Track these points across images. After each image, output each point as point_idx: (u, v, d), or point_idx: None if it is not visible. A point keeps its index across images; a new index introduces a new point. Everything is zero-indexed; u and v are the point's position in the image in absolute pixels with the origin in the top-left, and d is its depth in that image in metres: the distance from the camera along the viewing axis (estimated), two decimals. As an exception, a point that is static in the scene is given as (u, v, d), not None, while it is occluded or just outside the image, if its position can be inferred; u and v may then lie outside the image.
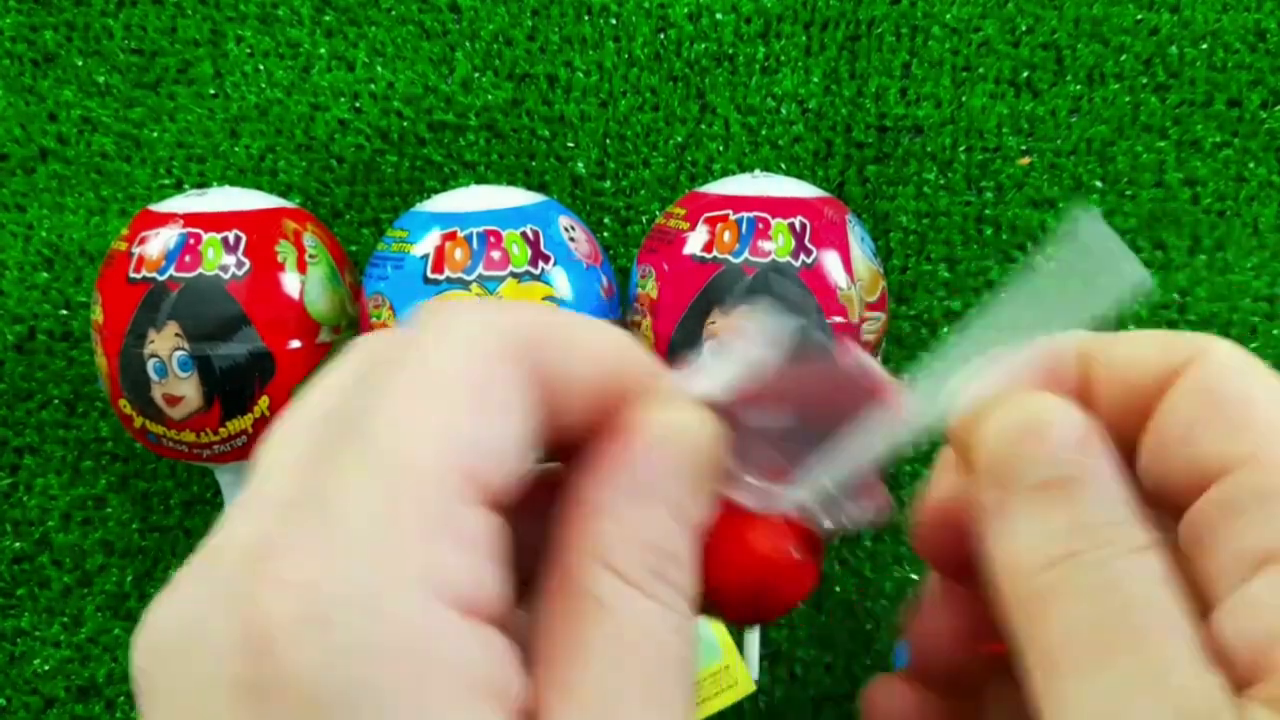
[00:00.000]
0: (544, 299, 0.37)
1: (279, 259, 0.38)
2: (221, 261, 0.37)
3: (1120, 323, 0.44)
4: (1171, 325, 0.44)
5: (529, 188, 0.42)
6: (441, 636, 0.13)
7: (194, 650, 0.13)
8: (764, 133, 0.45)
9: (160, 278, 0.37)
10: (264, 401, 0.38)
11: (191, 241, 0.37)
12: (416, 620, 0.13)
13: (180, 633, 0.14)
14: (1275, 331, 0.44)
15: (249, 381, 0.37)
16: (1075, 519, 0.16)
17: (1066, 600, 0.15)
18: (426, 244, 0.37)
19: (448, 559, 0.13)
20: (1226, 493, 0.16)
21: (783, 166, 0.45)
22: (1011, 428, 0.17)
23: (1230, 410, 0.16)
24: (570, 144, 0.46)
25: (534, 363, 0.15)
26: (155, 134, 0.47)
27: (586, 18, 0.46)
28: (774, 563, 0.18)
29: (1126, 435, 0.17)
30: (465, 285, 0.36)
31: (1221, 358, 0.17)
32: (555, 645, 0.15)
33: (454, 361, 0.15)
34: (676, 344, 0.38)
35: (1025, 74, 0.45)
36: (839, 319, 0.37)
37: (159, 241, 0.37)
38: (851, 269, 0.37)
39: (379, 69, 0.46)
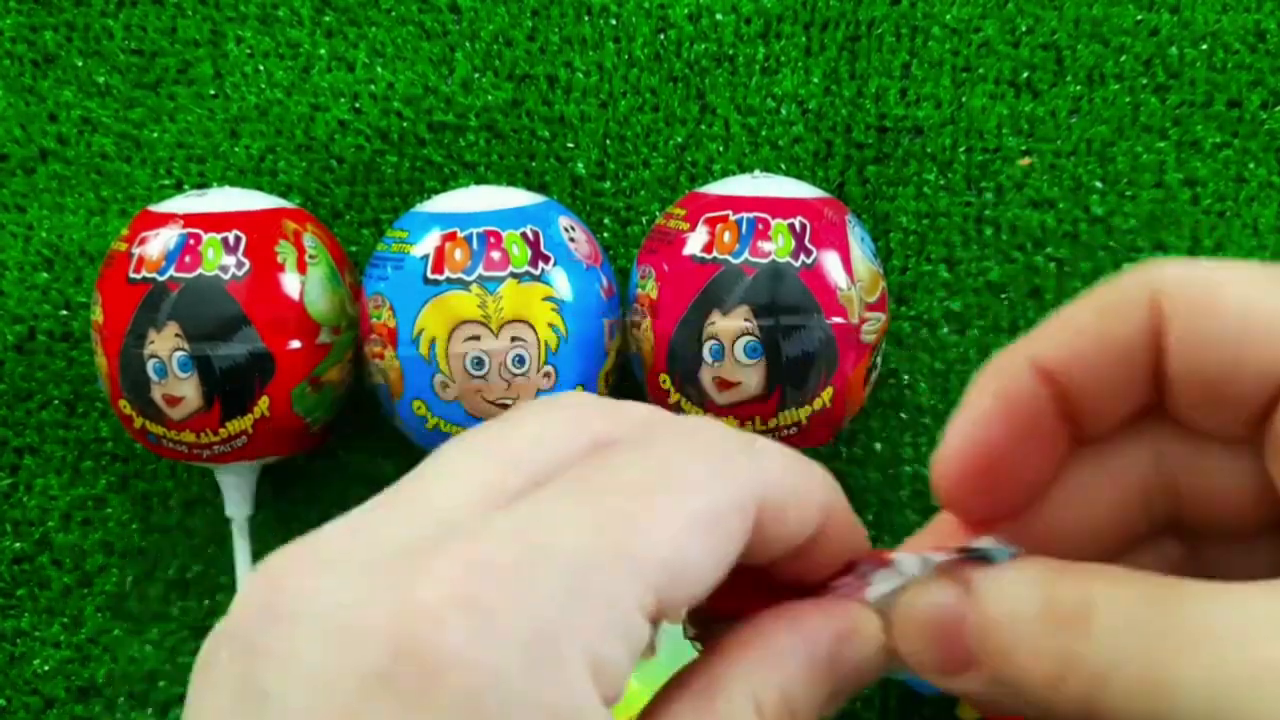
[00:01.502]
0: (544, 299, 0.37)
1: (279, 259, 0.38)
2: (221, 262, 0.37)
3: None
4: (1171, 325, 0.44)
5: (529, 188, 0.42)
6: (590, 707, 0.13)
7: (330, 619, 0.13)
8: (764, 133, 0.45)
9: (160, 278, 0.37)
10: (264, 402, 0.38)
11: (191, 242, 0.37)
12: (574, 685, 0.13)
13: (312, 597, 0.13)
14: (1275, 332, 0.44)
15: (249, 382, 0.37)
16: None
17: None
18: (426, 244, 0.37)
19: (616, 658, 0.14)
20: None
21: (783, 167, 0.45)
22: (917, 637, 0.17)
23: None
24: (570, 144, 0.46)
25: (757, 515, 0.16)
26: (155, 134, 0.47)
27: (586, 18, 0.46)
28: None
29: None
30: (465, 286, 0.36)
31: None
32: (660, 715, 0.15)
33: (699, 481, 0.15)
34: (676, 344, 0.38)
35: (1025, 74, 0.45)
36: (839, 319, 0.37)
37: (159, 242, 0.37)
38: (851, 269, 0.37)
39: (379, 69, 0.46)
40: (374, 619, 0.13)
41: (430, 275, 0.37)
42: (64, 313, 0.46)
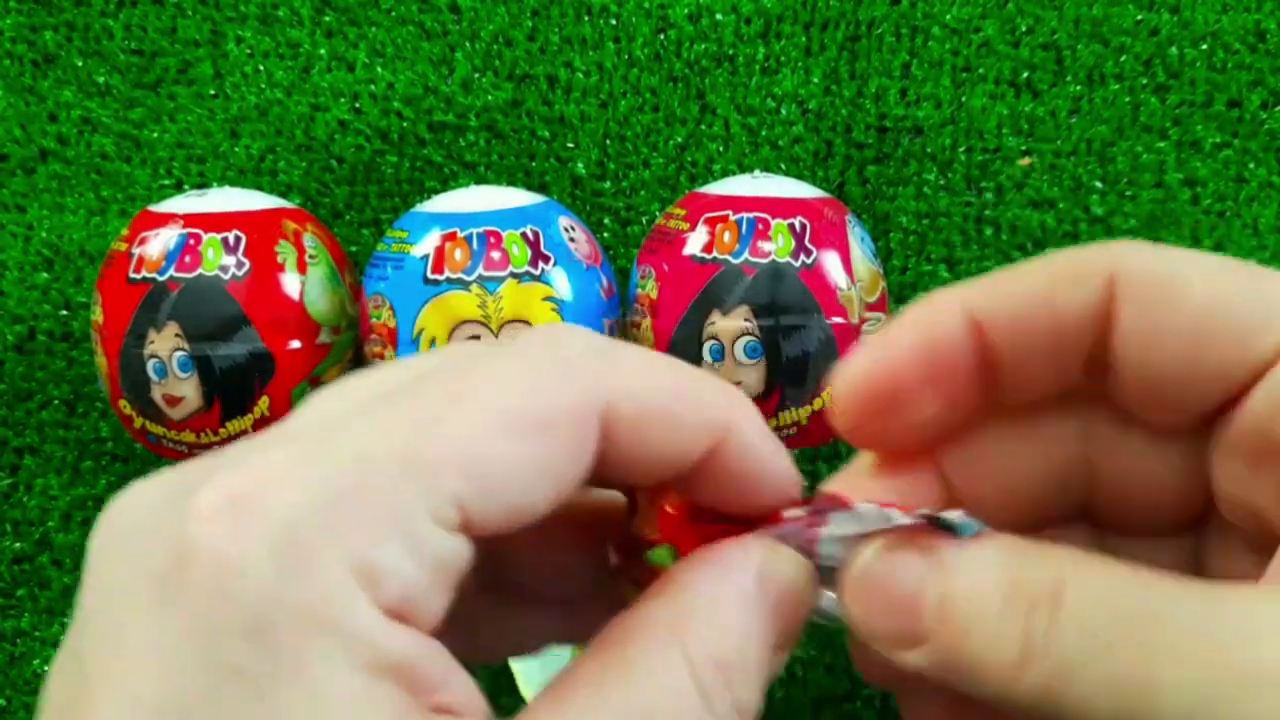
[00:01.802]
0: (544, 299, 0.37)
1: (279, 259, 0.38)
2: (221, 262, 0.37)
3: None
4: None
5: (529, 188, 0.42)
6: (348, 609, 0.13)
7: (136, 530, 0.14)
8: (764, 133, 0.45)
9: (160, 278, 0.37)
10: (264, 402, 0.38)
11: (191, 242, 0.37)
12: (330, 587, 0.13)
13: (129, 522, 0.14)
14: (1275, 332, 0.44)
15: (249, 382, 0.37)
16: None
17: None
18: (426, 244, 0.37)
19: (394, 563, 0.13)
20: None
21: (783, 167, 0.45)
22: (874, 611, 0.16)
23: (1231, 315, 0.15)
24: (570, 144, 0.46)
25: (603, 412, 0.15)
26: (155, 134, 0.47)
27: (586, 18, 0.46)
28: None
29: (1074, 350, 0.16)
30: (465, 286, 0.36)
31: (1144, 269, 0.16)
32: (580, 676, 0.15)
33: (515, 384, 0.14)
34: (676, 344, 0.38)
35: (1025, 74, 0.45)
36: (839, 319, 0.37)
37: (159, 242, 0.37)
38: (851, 269, 0.37)
39: (379, 69, 0.46)
40: (166, 525, 0.13)
41: (430, 275, 0.37)
42: (64, 313, 0.46)
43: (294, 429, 0.14)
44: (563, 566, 0.19)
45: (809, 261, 0.37)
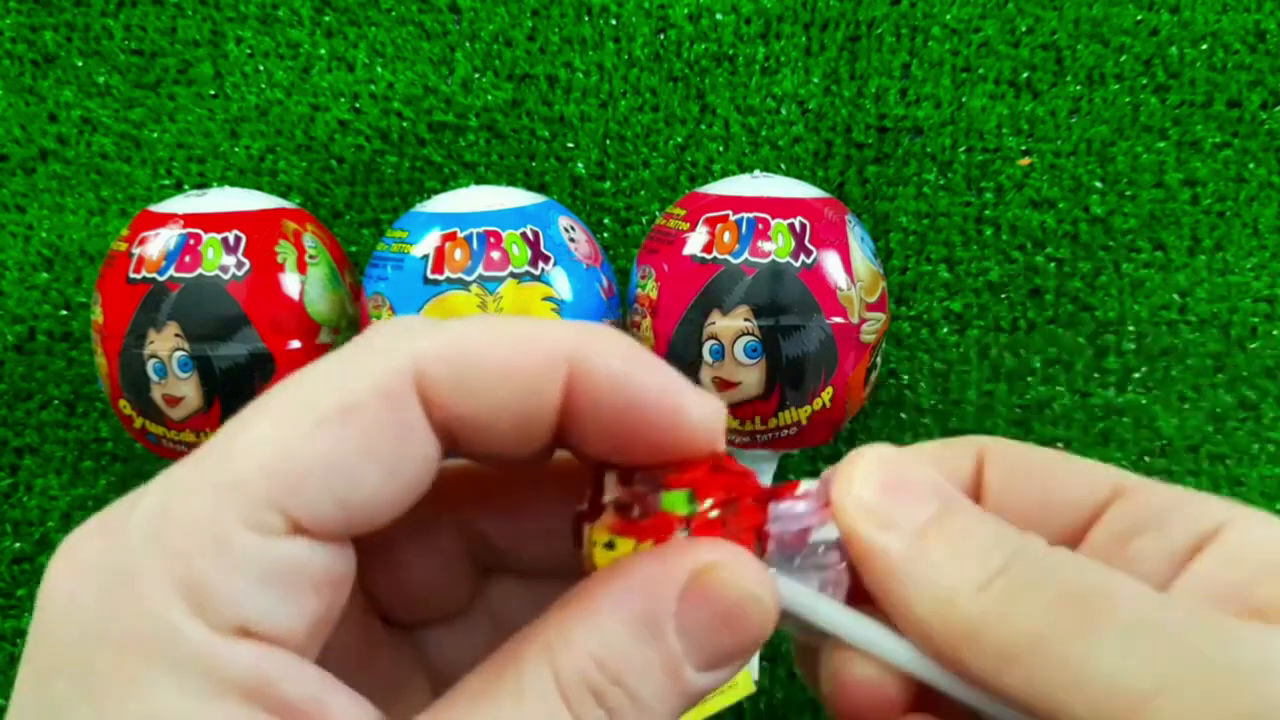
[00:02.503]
0: (544, 299, 0.37)
1: (279, 259, 0.38)
2: (221, 262, 0.37)
3: (1123, 320, 0.44)
4: (1171, 325, 0.44)
5: (529, 188, 0.42)
6: (176, 631, 0.13)
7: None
8: (764, 133, 0.45)
9: (160, 278, 0.37)
10: (264, 402, 0.38)
11: (191, 242, 0.37)
12: (155, 609, 0.13)
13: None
14: (1275, 332, 0.44)
15: (249, 382, 0.37)
16: (980, 542, 0.16)
17: (1020, 605, 0.15)
18: (426, 244, 0.37)
19: (219, 578, 0.13)
20: (1121, 520, 0.17)
21: (783, 167, 0.45)
22: (877, 485, 0.17)
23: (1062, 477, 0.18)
24: (570, 144, 0.46)
25: (415, 381, 0.14)
26: (155, 134, 0.47)
27: (586, 18, 0.46)
28: None
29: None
30: (465, 286, 0.36)
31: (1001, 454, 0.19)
32: (455, 698, 0.14)
33: (311, 380, 0.14)
34: (676, 344, 0.38)
35: (1025, 74, 0.45)
36: (839, 319, 0.37)
37: (159, 242, 0.37)
38: (851, 269, 0.37)
39: (379, 69, 0.46)
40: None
41: (430, 275, 0.37)
42: (64, 313, 0.46)
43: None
44: (546, 535, 0.18)
45: (809, 261, 0.37)
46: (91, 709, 0.12)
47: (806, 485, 0.17)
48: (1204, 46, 0.44)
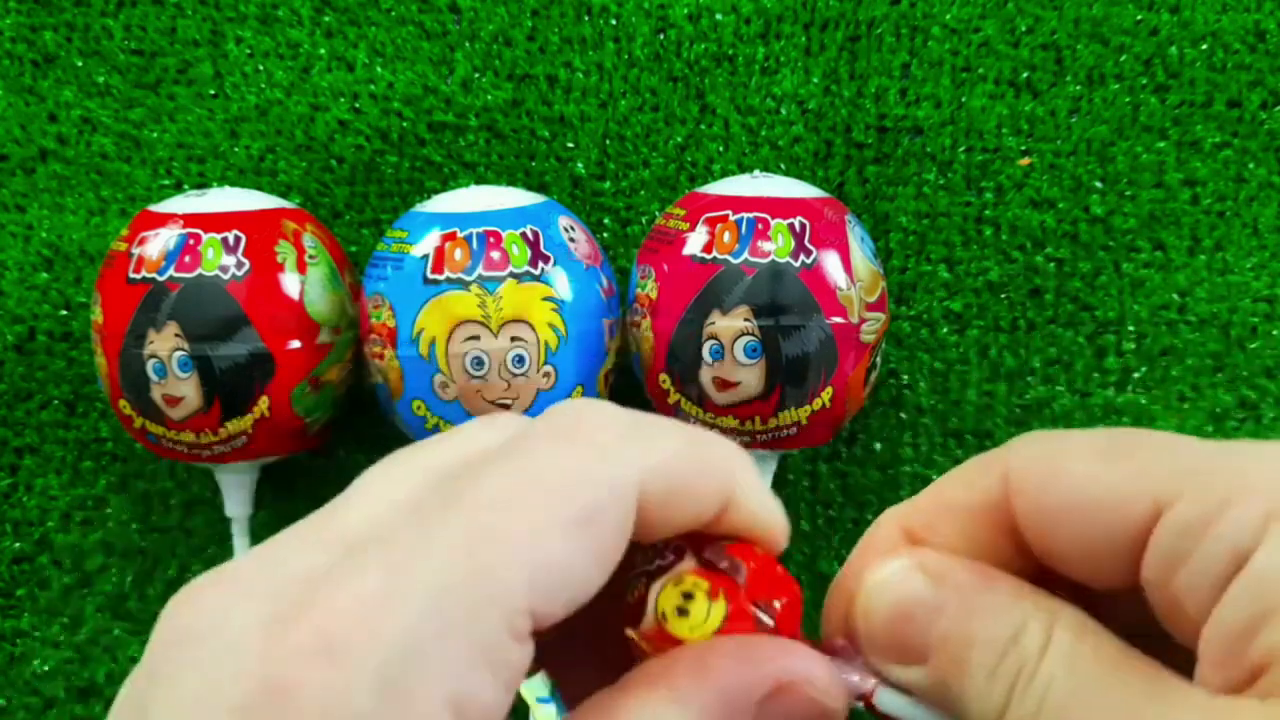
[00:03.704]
0: (544, 299, 0.37)
1: (279, 259, 0.38)
2: (221, 262, 0.37)
3: (1123, 320, 0.44)
4: (1171, 325, 0.44)
5: (529, 188, 0.42)
6: None
7: (218, 648, 0.13)
8: (764, 133, 0.45)
9: (160, 278, 0.37)
10: (264, 402, 0.38)
11: (191, 242, 0.37)
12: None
13: (206, 631, 0.14)
14: (1275, 332, 0.44)
15: (249, 382, 0.37)
16: (995, 651, 0.15)
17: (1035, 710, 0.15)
18: (426, 244, 0.37)
19: (480, 689, 0.13)
20: (1162, 549, 0.15)
21: (782, 167, 0.45)
22: (880, 616, 0.17)
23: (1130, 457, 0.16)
24: (570, 144, 0.46)
25: (641, 501, 0.15)
26: (155, 134, 0.47)
27: (586, 18, 0.46)
28: None
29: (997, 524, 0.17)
30: (465, 286, 0.36)
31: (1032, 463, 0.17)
32: None
33: (562, 482, 0.14)
34: (676, 344, 0.38)
35: (1025, 74, 0.45)
36: (839, 319, 0.37)
37: (159, 242, 0.37)
38: (851, 269, 0.37)
39: (379, 69, 0.46)
40: (249, 655, 0.13)
41: (430, 275, 0.37)
42: (64, 313, 0.46)
43: (360, 539, 0.14)
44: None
45: (809, 261, 0.37)
46: None
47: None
48: (1204, 46, 0.44)
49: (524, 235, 0.37)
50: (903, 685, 0.17)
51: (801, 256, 0.37)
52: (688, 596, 0.16)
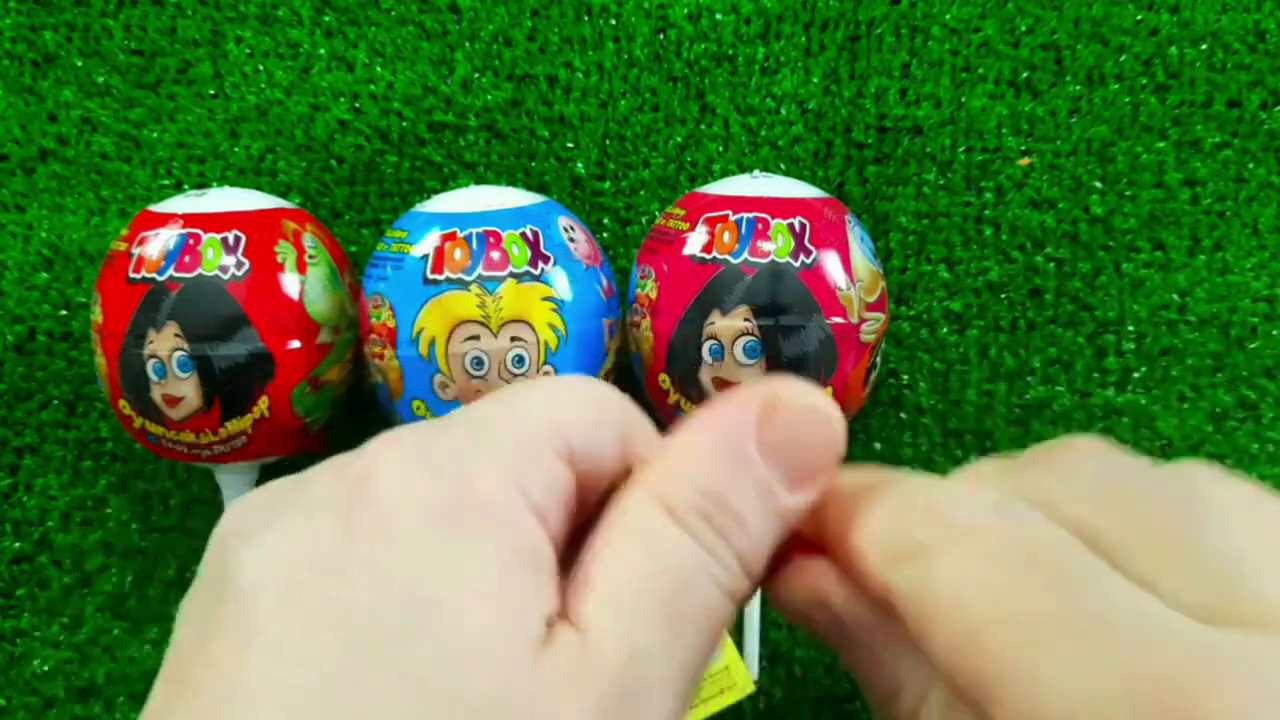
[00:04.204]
0: (543, 299, 0.37)
1: (279, 259, 0.38)
2: (221, 262, 0.37)
3: (1123, 320, 0.44)
4: (1171, 325, 0.44)
5: (529, 188, 0.42)
6: (510, 507, 0.16)
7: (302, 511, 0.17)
8: (764, 133, 0.45)
9: (160, 278, 0.37)
10: (264, 402, 0.38)
11: (191, 242, 0.37)
12: (494, 486, 0.16)
13: (261, 520, 0.18)
14: (1275, 332, 0.44)
15: (249, 382, 0.37)
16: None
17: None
18: (426, 244, 0.37)
19: (532, 470, 0.16)
20: None
21: (782, 167, 0.45)
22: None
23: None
24: (570, 144, 0.46)
25: (569, 448, 0.18)
26: (155, 134, 0.47)
27: (586, 18, 0.46)
28: None
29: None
30: (465, 286, 0.36)
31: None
32: (591, 559, 0.16)
33: (583, 388, 0.19)
34: (676, 344, 0.38)
35: (1025, 74, 0.45)
36: (839, 319, 0.37)
37: (158, 242, 0.37)
38: (851, 269, 0.37)
39: (379, 69, 0.46)
40: (336, 493, 0.17)
41: (430, 275, 0.37)
42: (64, 313, 0.46)
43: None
44: None
45: (809, 261, 0.37)
46: (440, 547, 0.15)
47: None
48: (1204, 46, 0.44)
49: (524, 235, 0.37)
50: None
51: (801, 256, 0.37)
52: None
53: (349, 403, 0.42)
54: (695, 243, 0.38)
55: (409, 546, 0.15)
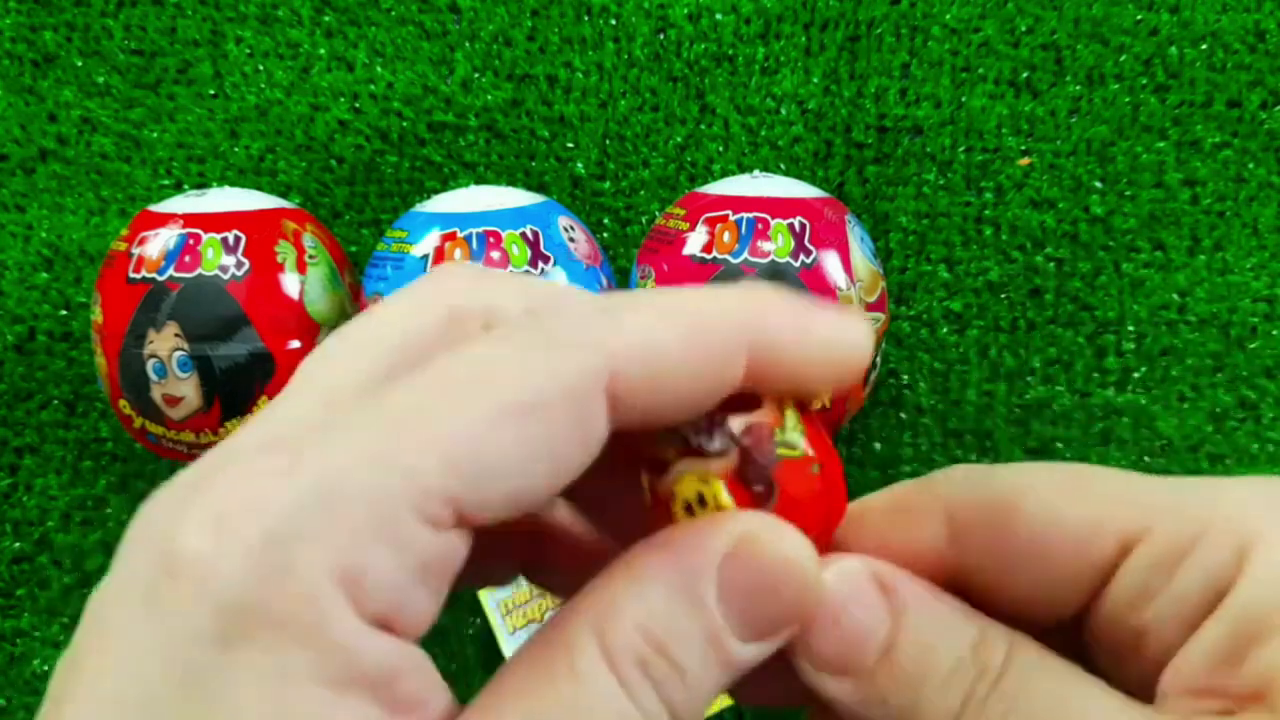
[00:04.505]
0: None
1: (279, 259, 0.38)
2: (221, 262, 0.37)
3: (1123, 320, 0.44)
4: (1171, 325, 0.44)
5: (529, 188, 0.42)
6: (328, 616, 0.12)
7: (134, 548, 0.14)
8: (764, 133, 0.45)
9: (160, 278, 0.37)
10: (264, 402, 0.38)
11: (191, 242, 0.37)
12: (313, 594, 0.12)
13: (137, 532, 0.14)
14: (1275, 332, 0.44)
15: (249, 382, 0.37)
16: (938, 673, 0.15)
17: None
18: (426, 244, 0.37)
19: (375, 564, 0.13)
20: (1135, 577, 0.15)
21: (782, 167, 0.45)
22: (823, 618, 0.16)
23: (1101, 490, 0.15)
24: (570, 144, 0.46)
25: (608, 384, 0.14)
26: (155, 134, 0.47)
27: (586, 18, 0.46)
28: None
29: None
30: (465, 285, 0.36)
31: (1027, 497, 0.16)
32: (506, 681, 0.14)
33: (501, 372, 0.14)
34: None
35: (1025, 74, 0.45)
36: (839, 319, 0.37)
37: (159, 242, 0.37)
38: (851, 269, 0.37)
39: (379, 69, 0.46)
40: (160, 536, 0.13)
41: (430, 275, 0.37)
42: (64, 313, 0.46)
43: (281, 423, 0.14)
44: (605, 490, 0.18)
45: (809, 261, 0.37)
46: (234, 678, 0.12)
47: None
48: (1204, 46, 0.44)
49: (524, 235, 0.37)
50: (829, 699, 0.16)
51: (801, 256, 0.37)
52: (701, 501, 0.15)
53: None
54: (695, 243, 0.38)
55: (193, 676, 0.12)
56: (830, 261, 0.37)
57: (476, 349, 0.14)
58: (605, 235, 0.46)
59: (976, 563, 0.16)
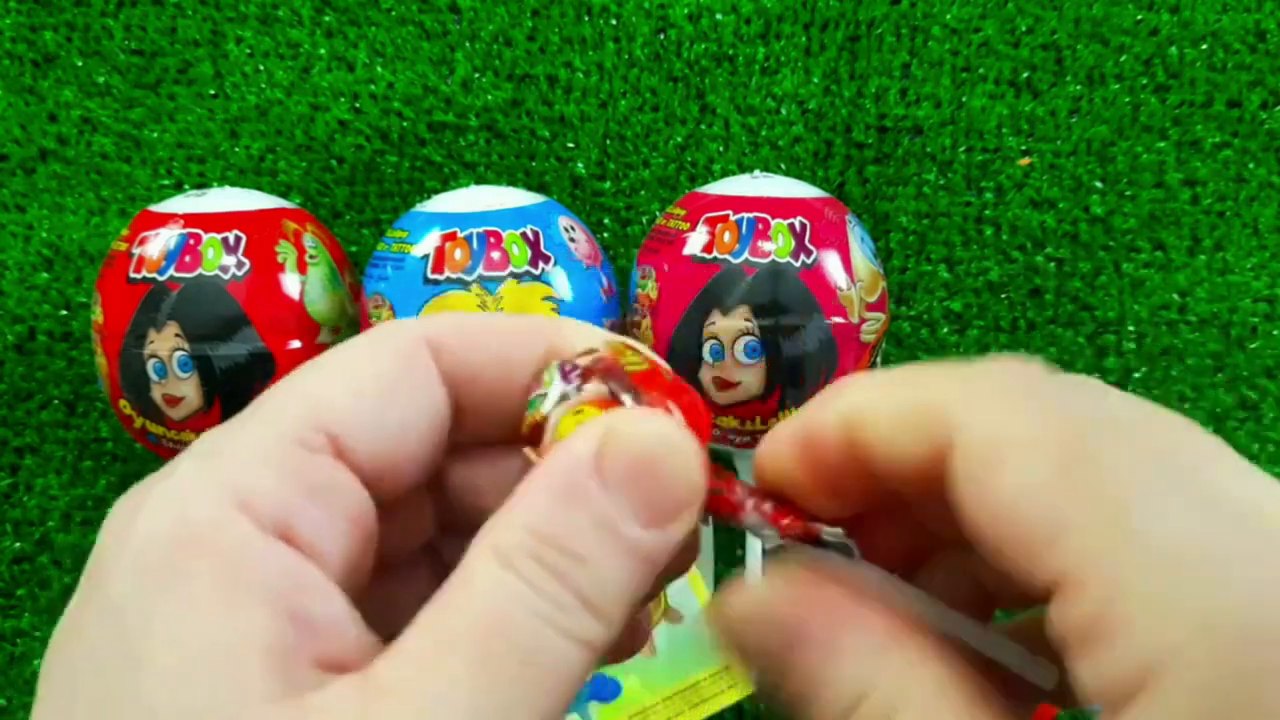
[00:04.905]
0: (544, 299, 0.37)
1: (279, 259, 0.38)
2: (221, 262, 0.37)
3: (1123, 320, 0.44)
4: (1171, 325, 0.44)
5: (529, 188, 0.42)
6: (223, 532, 0.14)
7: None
8: (764, 133, 0.45)
9: (160, 278, 0.37)
10: (264, 402, 0.38)
11: (191, 242, 0.37)
12: (206, 513, 0.14)
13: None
14: (1275, 331, 0.44)
15: (249, 382, 0.37)
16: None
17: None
18: (426, 244, 0.37)
19: (261, 480, 0.15)
20: (1068, 617, 0.14)
21: (783, 167, 0.45)
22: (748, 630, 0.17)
23: (1025, 524, 0.15)
24: (570, 144, 0.46)
25: (441, 360, 0.17)
26: (155, 134, 0.47)
27: (586, 18, 0.46)
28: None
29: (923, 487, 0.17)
30: (465, 286, 0.36)
31: (973, 446, 0.16)
32: (420, 617, 0.15)
33: (361, 353, 0.17)
34: (676, 344, 0.38)
35: (1025, 74, 0.45)
36: (839, 319, 0.37)
37: (159, 242, 0.37)
38: (851, 269, 0.37)
39: (379, 69, 0.46)
40: (110, 523, 0.15)
41: (430, 275, 0.37)
42: (64, 313, 0.46)
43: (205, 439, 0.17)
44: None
45: (809, 261, 0.37)
46: (143, 599, 0.14)
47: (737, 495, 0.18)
48: (1204, 46, 0.44)
49: (524, 235, 0.37)
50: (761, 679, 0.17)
51: (802, 256, 0.37)
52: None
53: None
54: (696, 243, 0.38)
55: (115, 609, 0.14)
56: (830, 261, 0.37)
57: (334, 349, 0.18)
58: (605, 235, 0.46)
59: (961, 507, 0.16)
